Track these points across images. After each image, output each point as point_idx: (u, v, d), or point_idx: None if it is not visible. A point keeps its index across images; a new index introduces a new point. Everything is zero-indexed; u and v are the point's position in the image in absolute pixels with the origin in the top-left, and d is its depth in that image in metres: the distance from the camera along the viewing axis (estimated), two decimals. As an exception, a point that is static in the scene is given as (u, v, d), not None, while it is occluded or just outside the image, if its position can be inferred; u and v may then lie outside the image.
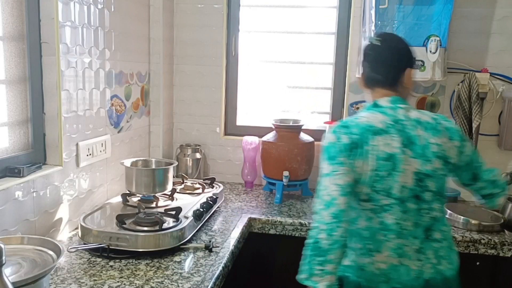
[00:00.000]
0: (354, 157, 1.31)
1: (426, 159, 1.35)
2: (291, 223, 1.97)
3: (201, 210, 1.79)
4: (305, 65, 2.60)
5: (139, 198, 1.88)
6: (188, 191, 2.09)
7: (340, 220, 1.26)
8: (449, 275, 1.38)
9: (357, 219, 1.38)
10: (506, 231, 1.93)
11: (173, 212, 1.70)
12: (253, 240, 1.96)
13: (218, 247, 1.63)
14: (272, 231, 2.00)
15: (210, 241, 1.64)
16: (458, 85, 2.30)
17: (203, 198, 1.97)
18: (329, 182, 1.29)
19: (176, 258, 1.53)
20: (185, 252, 1.58)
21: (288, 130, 2.34)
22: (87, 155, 1.79)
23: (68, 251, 1.47)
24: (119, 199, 1.90)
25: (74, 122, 1.71)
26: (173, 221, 1.65)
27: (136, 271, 1.42)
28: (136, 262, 1.48)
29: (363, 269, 1.36)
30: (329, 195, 1.28)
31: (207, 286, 1.35)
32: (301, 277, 1.27)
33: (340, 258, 1.27)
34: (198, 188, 2.12)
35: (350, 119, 1.40)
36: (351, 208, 1.35)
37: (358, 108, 2.46)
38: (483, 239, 1.86)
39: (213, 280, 1.39)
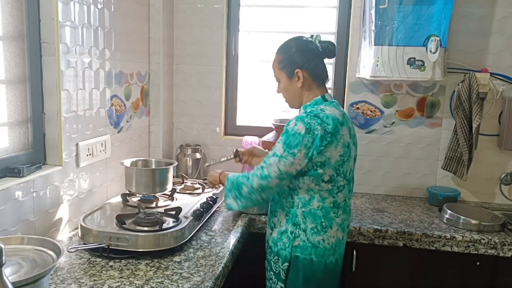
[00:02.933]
0: (326, 145, 1.47)
1: (355, 146, 1.63)
2: (291, 223, 1.97)
3: (201, 210, 1.79)
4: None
5: (139, 198, 1.88)
6: (188, 191, 2.09)
7: (263, 191, 1.52)
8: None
9: (311, 200, 1.53)
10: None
11: (173, 212, 1.70)
12: (253, 240, 1.96)
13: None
14: (272, 231, 1.99)
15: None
16: (458, 85, 2.30)
17: (203, 198, 1.97)
18: (274, 163, 1.49)
19: (176, 258, 1.53)
20: (185, 252, 1.58)
21: (288, 130, 2.33)
22: (87, 155, 1.79)
23: (68, 251, 1.47)
24: (119, 199, 1.90)
25: (74, 122, 1.71)
26: (173, 221, 1.65)
27: (136, 271, 1.42)
28: (136, 262, 1.48)
29: (317, 246, 1.54)
30: (268, 171, 1.50)
31: (207, 286, 1.35)
32: (226, 187, 1.63)
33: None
34: (198, 188, 2.12)
35: (315, 111, 1.52)
36: (306, 191, 1.53)
37: (358, 108, 2.46)
38: (483, 239, 1.86)
39: (213, 280, 1.39)
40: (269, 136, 2.38)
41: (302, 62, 1.58)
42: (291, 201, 1.56)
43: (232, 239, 1.74)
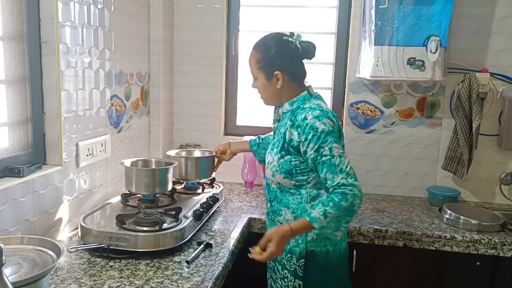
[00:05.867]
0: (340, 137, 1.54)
1: None
2: (291, 223, 1.97)
3: (201, 210, 1.79)
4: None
5: (139, 198, 1.88)
6: (188, 191, 2.09)
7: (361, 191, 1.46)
8: None
9: (319, 193, 1.55)
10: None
11: (173, 212, 1.70)
12: (253, 240, 1.96)
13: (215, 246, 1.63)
14: (272, 231, 1.99)
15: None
16: (458, 85, 2.30)
17: (203, 198, 1.97)
18: (347, 161, 1.46)
19: (176, 258, 1.53)
20: (185, 252, 1.58)
21: (288, 130, 2.34)
22: (87, 155, 1.79)
23: (68, 251, 1.47)
24: (119, 199, 1.89)
25: (74, 122, 1.71)
26: (173, 221, 1.65)
27: (136, 271, 1.42)
28: (136, 262, 1.48)
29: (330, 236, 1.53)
30: (353, 170, 1.46)
31: (207, 286, 1.35)
32: (327, 231, 1.46)
33: None
34: (198, 188, 2.12)
35: (317, 106, 1.53)
36: (314, 185, 1.54)
37: (358, 108, 2.46)
38: (483, 239, 1.86)
39: (213, 280, 1.39)
40: (269, 136, 2.38)
41: (282, 64, 1.55)
42: (298, 197, 1.56)
43: (232, 239, 1.74)
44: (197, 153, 2.23)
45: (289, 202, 1.59)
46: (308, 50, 1.58)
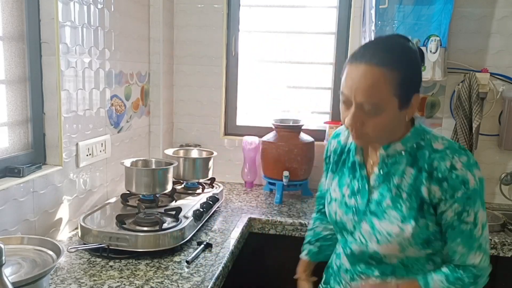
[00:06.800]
0: None
1: None
2: (291, 223, 1.97)
3: (201, 210, 1.79)
4: (305, 65, 2.60)
5: (139, 198, 1.88)
6: (188, 191, 2.09)
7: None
8: None
9: (441, 258, 1.22)
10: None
11: (173, 212, 1.71)
12: (253, 240, 1.96)
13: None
14: (272, 231, 2.00)
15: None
16: (458, 85, 2.30)
17: (203, 198, 1.97)
18: (487, 233, 1.14)
19: (176, 258, 1.53)
20: (185, 252, 1.58)
21: (288, 130, 2.34)
22: (87, 155, 1.79)
23: (68, 251, 1.47)
24: (119, 199, 1.90)
25: (74, 122, 1.71)
26: (173, 221, 1.65)
27: (136, 271, 1.42)
28: (136, 262, 1.48)
29: None
30: (488, 248, 1.15)
31: (207, 286, 1.35)
32: None
33: None
34: (198, 188, 2.12)
35: (459, 146, 1.14)
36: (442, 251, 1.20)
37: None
38: (483, 239, 1.85)
39: (213, 280, 1.39)
40: (269, 136, 2.38)
41: (420, 82, 1.13)
42: (431, 266, 1.20)
43: (232, 239, 1.74)
44: (194, 153, 2.26)
45: (417, 273, 1.20)
46: (422, 54, 1.17)
